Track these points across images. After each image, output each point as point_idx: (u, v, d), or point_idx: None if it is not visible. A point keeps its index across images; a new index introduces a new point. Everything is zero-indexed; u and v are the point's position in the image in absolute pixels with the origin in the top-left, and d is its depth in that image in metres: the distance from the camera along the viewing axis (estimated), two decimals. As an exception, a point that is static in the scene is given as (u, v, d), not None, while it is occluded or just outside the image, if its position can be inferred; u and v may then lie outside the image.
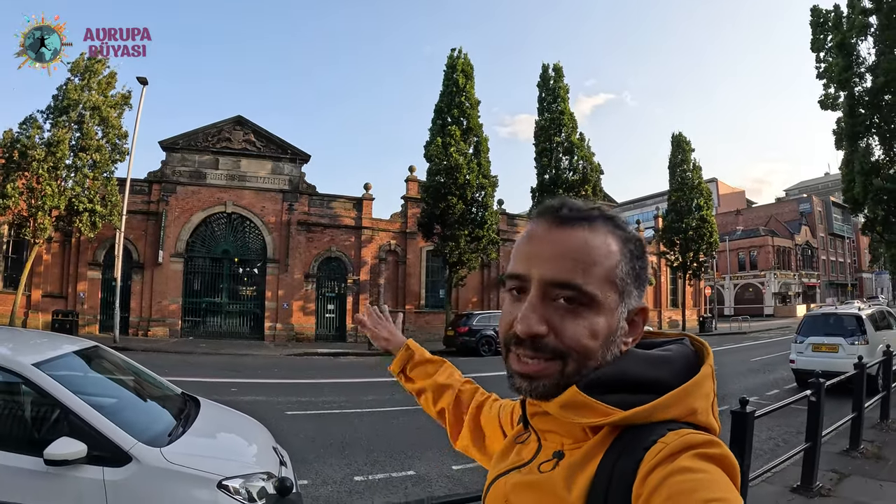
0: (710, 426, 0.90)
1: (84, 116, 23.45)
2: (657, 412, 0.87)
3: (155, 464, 3.70)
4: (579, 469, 0.90)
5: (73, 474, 3.52)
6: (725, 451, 0.82)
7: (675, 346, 1.01)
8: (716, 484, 0.75)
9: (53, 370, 4.02)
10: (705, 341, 1.02)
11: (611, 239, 0.95)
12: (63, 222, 23.89)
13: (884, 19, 15.48)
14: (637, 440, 0.85)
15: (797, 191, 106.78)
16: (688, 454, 0.79)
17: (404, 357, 1.72)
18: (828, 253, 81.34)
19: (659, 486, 0.76)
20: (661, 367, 0.94)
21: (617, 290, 0.94)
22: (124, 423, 3.91)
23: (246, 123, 30.73)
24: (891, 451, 7.99)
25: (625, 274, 0.95)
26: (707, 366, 0.95)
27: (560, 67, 33.62)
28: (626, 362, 0.94)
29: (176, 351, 22.00)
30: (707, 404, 0.92)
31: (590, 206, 0.99)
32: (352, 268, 31.95)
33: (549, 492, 0.92)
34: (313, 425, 10.02)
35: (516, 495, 0.98)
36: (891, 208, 16.09)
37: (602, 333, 0.93)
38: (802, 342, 14.14)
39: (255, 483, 3.94)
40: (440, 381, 1.63)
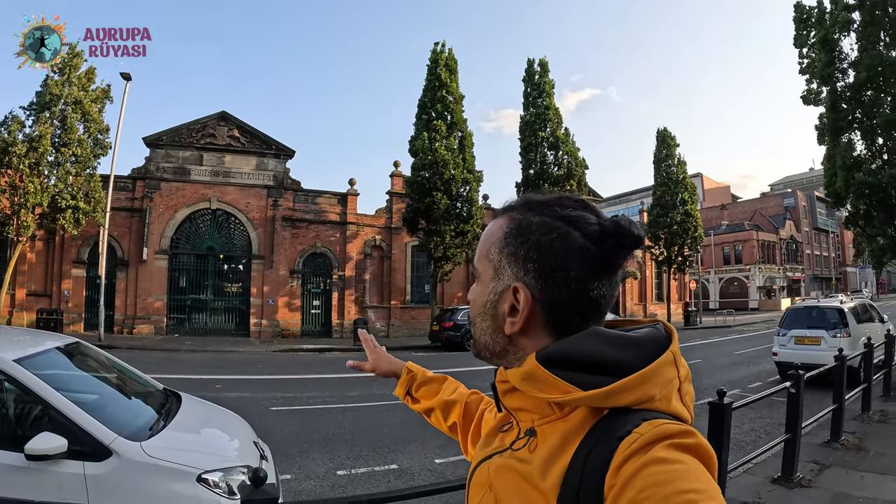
0: (677, 413, 0.89)
1: (66, 111, 23.24)
2: (613, 396, 0.86)
3: (135, 458, 3.70)
4: (555, 457, 0.89)
5: (53, 469, 3.52)
6: (701, 440, 0.81)
7: (645, 330, 0.99)
8: (692, 474, 0.75)
9: (35, 367, 4.02)
10: (673, 327, 1.01)
11: (502, 221, 1.05)
12: (47, 220, 23.61)
13: (867, 15, 15.60)
14: (612, 430, 0.84)
15: (782, 186, 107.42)
16: (662, 444, 0.78)
17: (407, 380, 1.74)
18: (812, 247, 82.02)
19: (633, 477, 0.76)
20: (625, 348, 0.92)
21: (492, 266, 1.03)
22: (105, 418, 3.92)
23: (230, 119, 30.55)
24: (872, 443, 8.05)
25: (497, 251, 1.02)
26: (668, 352, 0.93)
27: (545, 62, 33.69)
28: (586, 340, 0.93)
29: (161, 348, 21.87)
30: (667, 392, 0.90)
31: (528, 197, 1.06)
32: (337, 263, 31.88)
33: (527, 477, 0.92)
34: (297, 421, 10.00)
35: (498, 479, 0.98)
36: (872, 203, 16.23)
37: (476, 303, 1.06)
38: (785, 335, 14.28)
39: (236, 477, 3.96)
40: (446, 397, 1.65)
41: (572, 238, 0.95)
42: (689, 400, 0.93)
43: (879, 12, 15.17)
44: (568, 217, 0.97)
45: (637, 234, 0.96)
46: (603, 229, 0.95)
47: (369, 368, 1.81)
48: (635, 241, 0.96)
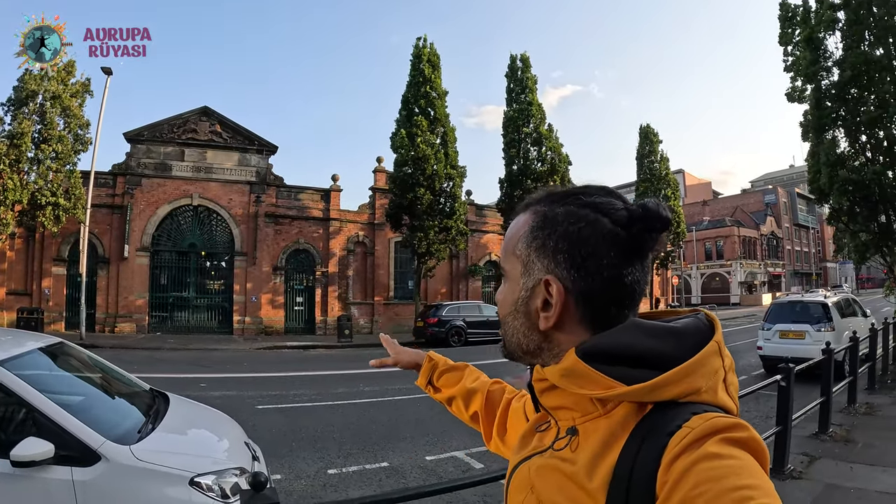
0: (724, 405, 0.87)
1: (45, 107, 22.93)
2: (658, 390, 0.85)
3: (125, 462, 3.61)
4: (601, 455, 0.87)
5: (40, 476, 3.42)
6: (753, 433, 0.79)
7: (686, 320, 0.97)
8: (745, 470, 0.73)
9: (18, 368, 3.91)
10: (715, 316, 0.98)
11: (528, 216, 1.02)
12: (26, 217, 23.30)
13: (851, 14, 15.77)
14: (661, 425, 0.83)
15: (763, 182, 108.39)
16: (714, 439, 0.77)
17: (429, 368, 1.72)
18: (793, 243, 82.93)
19: (685, 473, 0.74)
20: (665, 339, 0.90)
21: (521, 262, 1.00)
22: (92, 421, 3.82)
23: (212, 114, 30.28)
24: (860, 434, 8.16)
25: (524, 245, 1.00)
26: (713, 342, 0.91)
27: (527, 58, 33.68)
28: (624, 332, 0.91)
29: (144, 347, 21.68)
30: (713, 383, 0.88)
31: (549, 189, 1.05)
32: (320, 260, 31.79)
33: (572, 478, 0.89)
34: (284, 419, 9.93)
35: (540, 480, 0.96)
36: (856, 199, 16.41)
37: (508, 302, 1.03)
38: (770, 329, 14.39)
39: (228, 479, 3.88)
40: (468, 385, 1.62)
41: (601, 225, 0.93)
42: (733, 391, 0.91)
43: (864, 12, 15.35)
44: (594, 204, 0.95)
45: (666, 216, 0.94)
46: (631, 214, 0.93)
47: (391, 363, 1.79)
48: (665, 224, 0.94)
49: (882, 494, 5.79)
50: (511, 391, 1.57)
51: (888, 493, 5.81)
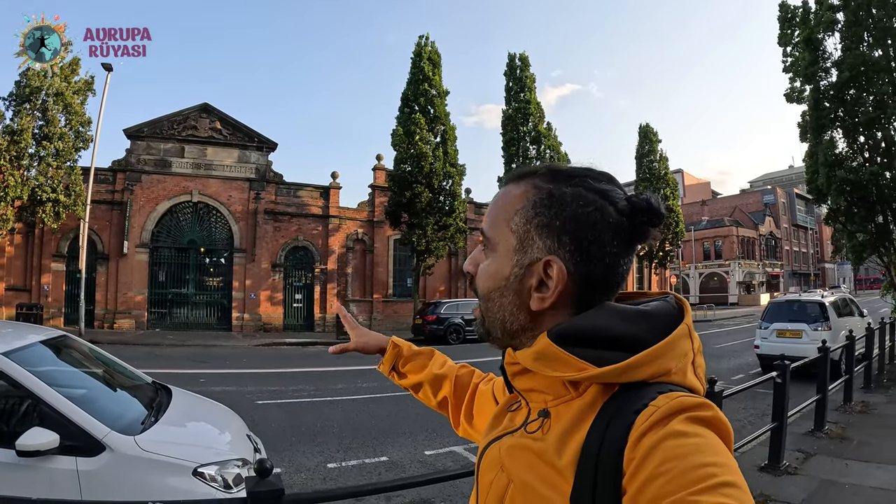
0: (692, 387, 0.88)
1: (47, 103, 22.93)
2: (630, 371, 0.85)
3: (129, 452, 3.65)
4: (570, 433, 0.87)
5: (45, 465, 3.46)
6: (718, 413, 0.80)
7: (656, 303, 0.98)
8: (710, 448, 0.73)
9: (21, 360, 3.93)
10: (684, 299, 0.99)
11: (524, 188, 0.99)
12: (26, 213, 23.32)
13: (850, 16, 15.82)
14: (628, 403, 0.83)
15: (761, 182, 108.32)
16: (680, 417, 0.77)
17: (393, 355, 1.66)
18: (791, 243, 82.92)
19: (651, 450, 0.74)
20: (636, 322, 0.91)
21: (515, 235, 0.97)
22: (96, 412, 3.85)
23: (212, 111, 30.32)
24: (855, 432, 8.23)
25: (524, 220, 0.96)
26: (683, 324, 0.91)
27: (526, 57, 33.73)
28: (600, 315, 0.91)
29: (143, 343, 21.73)
30: (683, 364, 0.89)
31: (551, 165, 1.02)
32: (319, 257, 31.83)
33: (541, 456, 0.89)
34: (284, 414, 9.99)
35: (510, 459, 0.95)
36: (853, 199, 16.46)
37: (495, 276, 0.99)
38: (767, 328, 14.46)
39: (230, 470, 3.93)
40: (436, 371, 1.59)
41: (608, 212, 0.94)
42: (701, 372, 0.92)
43: (863, 13, 15.39)
44: (601, 191, 0.95)
45: (663, 213, 0.96)
46: (633, 205, 0.95)
47: (354, 347, 1.69)
48: (661, 219, 0.96)
49: (876, 490, 5.85)
50: (479, 375, 1.56)
51: (882, 489, 5.87)
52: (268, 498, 2.36)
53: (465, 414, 1.50)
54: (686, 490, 0.68)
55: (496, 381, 1.43)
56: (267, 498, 2.36)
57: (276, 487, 2.39)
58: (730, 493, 0.68)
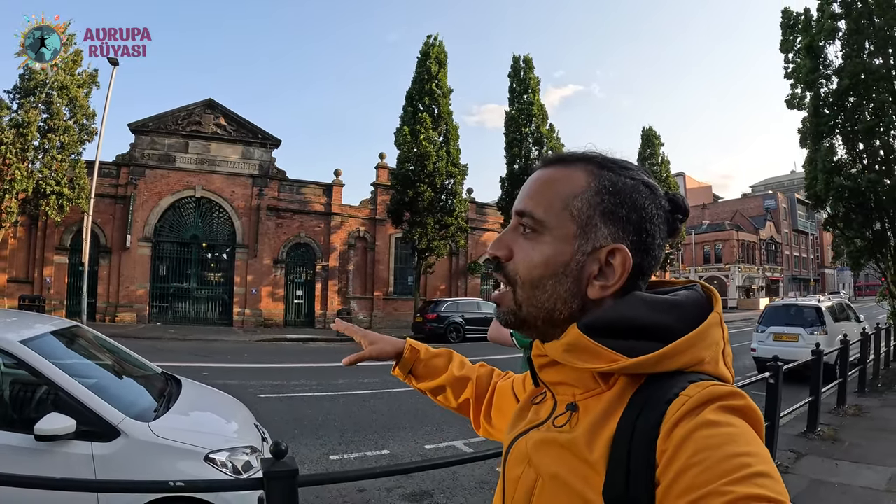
0: (723, 376, 0.88)
1: (52, 96, 22.99)
2: (664, 361, 0.85)
3: (143, 438, 3.80)
4: (600, 426, 0.86)
5: (62, 450, 3.60)
6: (749, 402, 0.80)
7: (684, 292, 0.97)
8: (742, 437, 0.74)
9: (37, 348, 4.05)
10: (713, 289, 0.99)
11: (581, 173, 0.97)
12: (30, 205, 23.41)
13: (852, 24, 15.92)
14: (658, 394, 0.83)
15: (763, 187, 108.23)
16: (712, 407, 0.77)
17: (411, 359, 1.58)
18: (791, 248, 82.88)
19: (684, 441, 0.74)
20: (668, 312, 0.90)
21: (575, 221, 0.94)
22: (111, 399, 3.99)
23: (217, 107, 30.40)
24: (847, 434, 8.36)
25: (587, 206, 0.94)
26: (715, 313, 0.91)
27: (530, 59, 33.74)
28: (627, 305, 0.91)
29: (144, 336, 21.74)
30: (715, 353, 0.89)
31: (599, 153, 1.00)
32: (321, 254, 31.90)
33: (571, 449, 0.88)
34: (286, 408, 10.12)
35: (538, 454, 0.95)
36: (852, 206, 16.58)
37: (550, 263, 0.94)
38: (764, 331, 14.56)
39: (240, 457, 4.07)
40: (457, 373, 1.54)
41: (660, 206, 0.97)
42: (730, 361, 0.93)
43: (865, 21, 15.48)
44: (653, 185, 0.98)
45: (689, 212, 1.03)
46: (673, 202, 1.00)
47: (369, 356, 1.59)
48: (687, 217, 1.02)
49: (865, 489, 5.99)
50: (498, 373, 1.55)
51: (871, 489, 6.01)
52: (283, 477, 2.50)
53: (485, 414, 1.49)
54: (720, 481, 0.68)
55: (515, 378, 1.44)
56: (282, 477, 2.50)
57: (291, 468, 2.53)
58: (763, 484, 0.68)
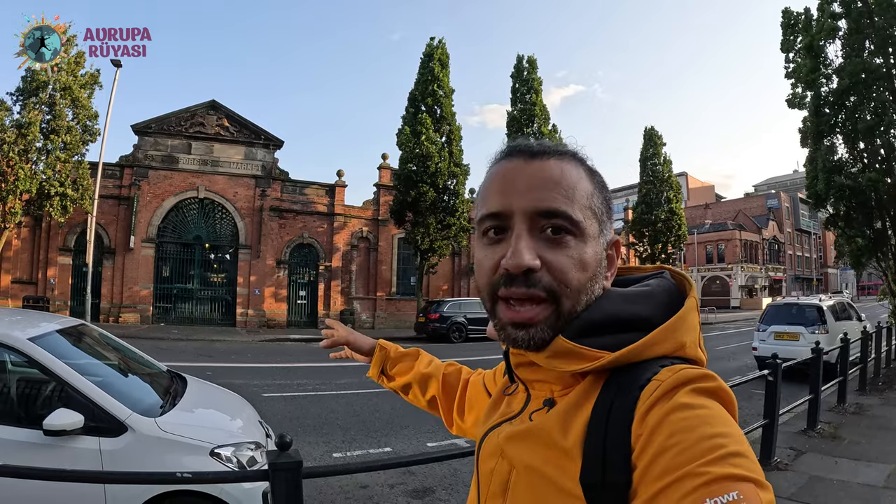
0: (698, 359, 0.90)
1: (54, 98, 23.07)
2: (646, 350, 0.86)
3: (150, 433, 3.87)
4: (573, 414, 0.87)
5: (70, 444, 3.67)
6: (721, 383, 0.81)
7: (654, 281, 0.99)
8: (716, 418, 0.74)
9: (46, 345, 4.12)
10: (684, 273, 1.02)
11: (581, 169, 0.96)
12: (33, 206, 23.45)
13: (852, 24, 15.96)
14: (631, 379, 0.84)
15: (766, 186, 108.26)
16: (684, 390, 0.78)
17: (381, 357, 1.65)
18: (794, 248, 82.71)
19: (659, 424, 0.75)
20: (642, 302, 0.92)
21: (597, 218, 0.94)
22: (118, 395, 4.05)
23: (219, 108, 30.48)
24: (847, 432, 8.40)
25: (600, 203, 0.96)
26: (691, 298, 0.94)
27: (534, 60, 33.79)
28: (607, 302, 0.93)
29: (148, 337, 21.78)
30: (694, 337, 0.91)
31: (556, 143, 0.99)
32: (324, 254, 31.96)
33: (544, 439, 0.89)
34: (290, 406, 10.20)
35: (511, 447, 0.95)
36: (852, 205, 16.63)
37: (591, 264, 0.91)
38: (765, 330, 14.61)
39: (245, 452, 4.14)
40: (423, 370, 1.58)
41: None
42: (702, 343, 0.94)
43: (866, 20, 15.50)
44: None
45: None
46: None
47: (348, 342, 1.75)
48: None
49: (863, 486, 6.02)
50: (467, 371, 1.55)
51: (869, 485, 6.05)
52: (288, 469, 2.57)
53: (458, 411, 1.50)
54: (696, 462, 0.69)
55: (486, 374, 1.44)
56: (287, 468, 2.57)
57: (296, 459, 2.60)
58: (739, 463, 0.69)
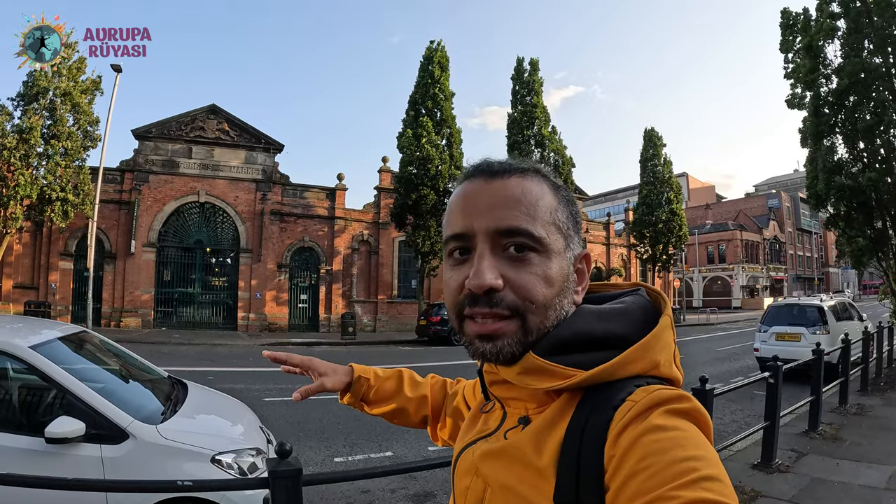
0: (673, 378, 0.89)
1: (55, 103, 23.08)
2: (620, 369, 0.85)
3: (151, 440, 3.88)
4: (547, 433, 0.87)
5: (71, 452, 3.69)
6: (696, 404, 0.80)
7: (629, 298, 0.98)
8: (690, 441, 0.73)
9: (47, 353, 4.13)
10: (661, 291, 1.01)
11: (545, 185, 0.95)
12: (34, 211, 23.48)
13: (851, 23, 15.96)
14: (605, 399, 0.83)
15: (766, 186, 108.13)
16: (658, 411, 0.77)
17: (363, 384, 1.49)
18: (795, 248, 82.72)
19: (632, 446, 0.74)
20: (616, 320, 0.92)
21: (562, 233, 0.94)
22: (119, 403, 4.06)
23: (220, 112, 30.49)
24: (848, 433, 8.39)
25: (566, 217, 0.95)
26: (665, 316, 0.93)
27: (536, 62, 33.80)
28: (580, 319, 0.92)
29: (149, 341, 21.86)
30: (669, 356, 0.90)
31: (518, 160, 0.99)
32: (325, 258, 31.97)
33: (519, 458, 0.88)
34: (291, 411, 10.17)
35: (485, 465, 0.94)
36: (853, 204, 16.63)
37: (556, 280, 0.91)
38: (766, 331, 14.59)
39: (246, 458, 4.16)
40: (412, 394, 1.50)
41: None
42: (678, 361, 0.93)
43: (865, 20, 15.51)
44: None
45: None
46: None
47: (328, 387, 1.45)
48: None
49: (865, 488, 6.02)
50: (450, 383, 1.53)
51: (870, 487, 6.05)
52: (288, 476, 2.58)
53: (441, 426, 1.48)
54: (667, 486, 0.68)
55: (466, 385, 1.43)
56: (287, 476, 2.58)
57: (296, 467, 2.60)
58: (711, 488, 0.68)
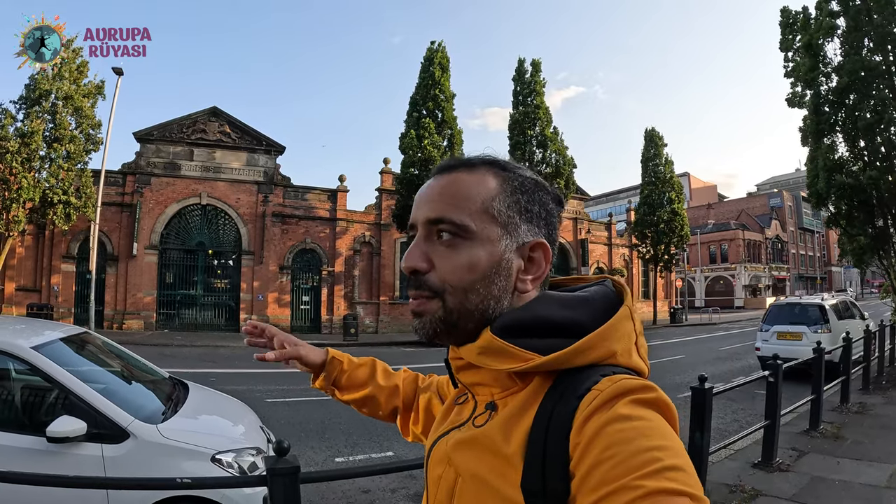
0: (638, 368, 0.90)
1: (57, 106, 23.09)
2: (575, 356, 0.86)
3: (152, 439, 3.91)
4: (516, 421, 0.88)
5: (73, 451, 3.73)
6: (661, 394, 0.81)
7: (594, 288, 1.00)
8: (655, 430, 0.74)
9: (49, 354, 4.17)
10: (625, 283, 1.03)
11: (488, 176, 0.99)
12: (37, 214, 23.53)
13: (850, 22, 15.96)
14: (571, 388, 0.84)
15: (768, 186, 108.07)
16: (623, 400, 0.78)
17: (335, 368, 1.54)
18: (797, 247, 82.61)
19: (596, 435, 0.75)
20: (578, 308, 0.93)
21: (497, 222, 0.96)
22: (120, 402, 4.10)
23: (221, 115, 30.50)
24: (849, 432, 8.39)
25: (506, 206, 0.97)
26: (625, 306, 0.94)
27: (538, 62, 33.62)
28: (540, 305, 0.95)
29: (152, 343, 21.90)
30: (627, 345, 0.91)
31: (477, 155, 1.04)
32: (326, 259, 31.95)
33: (488, 447, 0.90)
34: (293, 412, 10.22)
35: (457, 454, 0.96)
36: (854, 203, 16.63)
37: (482, 266, 0.95)
38: (768, 330, 14.60)
39: (246, 458, 4.18)
40: (384, 383, 1.52)
41: (553, 199, 1.04)
42: (644, 353, 0.94)
43: (865, 18, 15.49)
44: (544, 183, 1.04)
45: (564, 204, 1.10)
46: (558, 198, 1.06)
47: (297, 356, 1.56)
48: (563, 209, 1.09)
49: (865, 486, 6.02)
50: (422, 378, 1.55)
51: (871, 485, 6.04)
52: (286, 474, 2.60)
53: (414, 420, 1.49)
54: (631, 475, 0.69)
55: (439, 379, 1.46)
56: (285, 474, 2.60)
57: (294, 465, 2.62)
58: (674, 477, 0.68)
